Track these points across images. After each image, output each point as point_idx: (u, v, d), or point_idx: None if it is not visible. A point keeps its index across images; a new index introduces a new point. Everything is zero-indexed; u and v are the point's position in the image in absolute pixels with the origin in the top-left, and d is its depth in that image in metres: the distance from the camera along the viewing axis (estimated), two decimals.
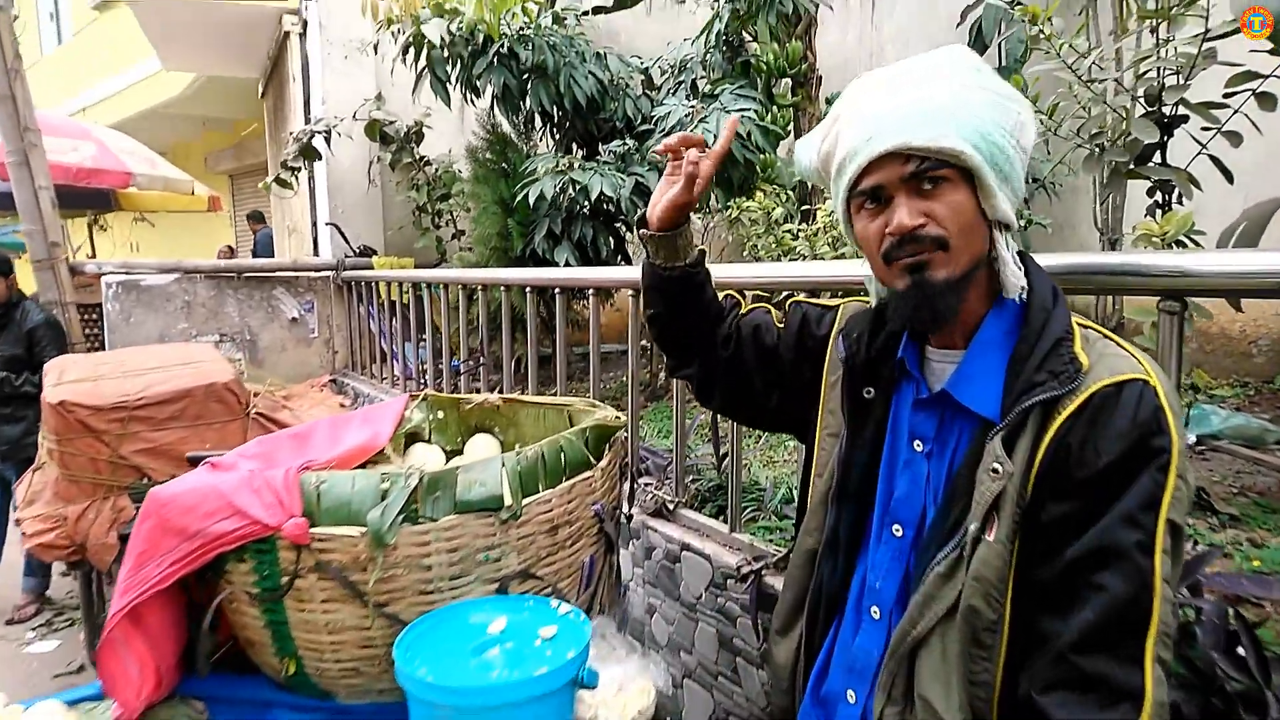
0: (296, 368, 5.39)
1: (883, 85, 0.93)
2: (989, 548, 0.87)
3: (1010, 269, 0.93)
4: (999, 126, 0.89)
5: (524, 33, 3.73)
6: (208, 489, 1.45)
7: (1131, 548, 0.80)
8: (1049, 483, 0.86)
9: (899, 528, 1.00)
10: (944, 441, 0.97)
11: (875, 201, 0.92)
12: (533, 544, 1.47)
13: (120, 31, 9.76)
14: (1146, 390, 0.84)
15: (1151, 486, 0.81)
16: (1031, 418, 0.87)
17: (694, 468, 2.51)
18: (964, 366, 0.95)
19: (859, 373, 1.05)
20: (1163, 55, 2.10)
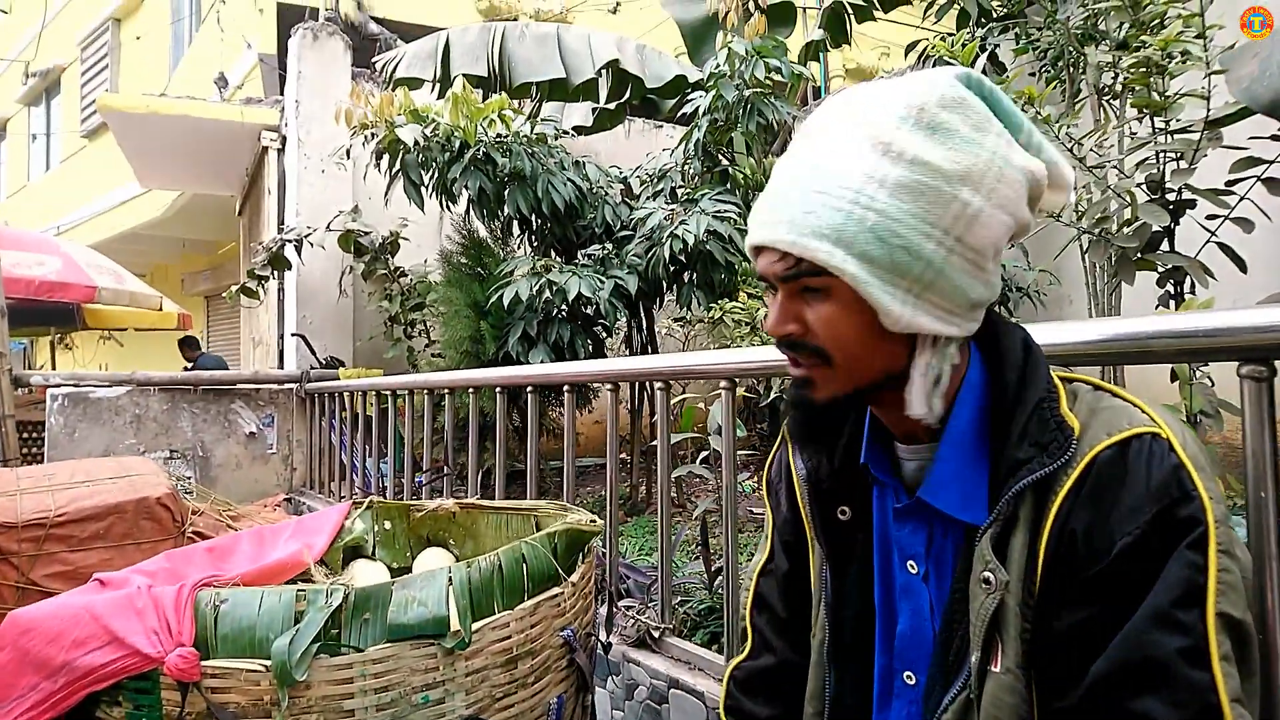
0: (251, 486, 5.05)
1: (796, 147, 0.72)
2: (997, 681, 0.67)
3: (917, 392, 0.71)
4: (916, 219, 0.65)
5: (501, 139, 3.70)
6: (79, 611, 1.17)
7: (1175, 658, 0.60)
8: (1058, 584, 0.66)
9: (911, 675, 0.78)
10: (939, 558, 0.77)
11: (773, 290, 0.74)
12: (485, 681, 1.18)
13: (106, 157, 9.91)
14: (1157, 445, 0.65)
15: (1188, 572, 0.61)
16: (1024, 506, 0.68)
17: (681, 588, 2.22)
18: (938, 467, 0.74)
19: (827, 489, 0.84)
20: (1160, 142, 2.04)
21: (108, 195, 10.30)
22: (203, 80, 8.13)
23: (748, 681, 0.96)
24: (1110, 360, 1.07)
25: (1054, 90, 3.30)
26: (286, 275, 5.34)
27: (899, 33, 5.98)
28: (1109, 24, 2.83)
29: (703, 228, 3.23)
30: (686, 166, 3.87)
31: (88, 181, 11.11)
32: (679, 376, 2.01)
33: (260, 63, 7.29)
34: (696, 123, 3.68)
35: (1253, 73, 1.76)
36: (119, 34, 11.56)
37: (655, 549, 3.17)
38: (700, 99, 3.60)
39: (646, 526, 3.62)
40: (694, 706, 1.78)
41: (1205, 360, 1.49)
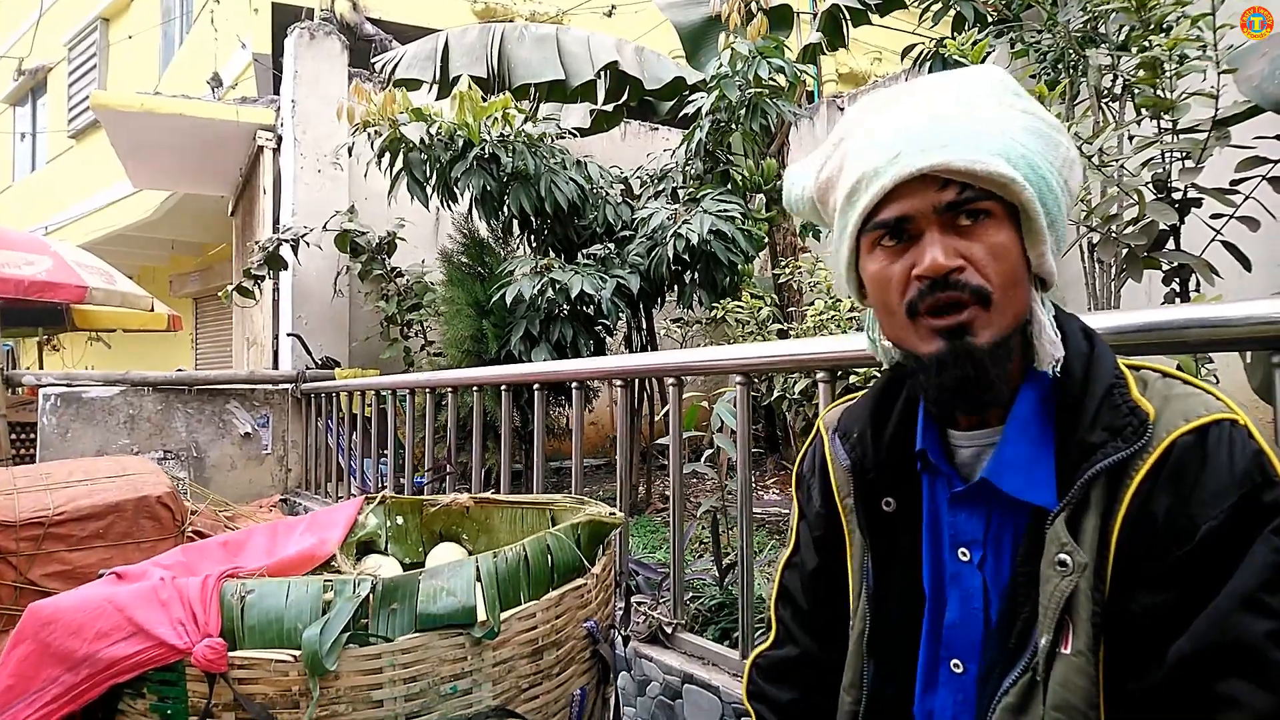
0: (246, 487, 5.00)
1: (908, 99, 0.75)
2: (1068, 663, 0.67)
3: (1046, 334, 0.73)
4: (1047, 160, 0.72)
5: (505, 138, 3.70)
6: (102, 603, 1.16)
7: (1265, 641, 0.60)
8: (1134, 567, 0.66)
9: (958, 663, 0.77)
10: (998, 545, 0.76)
11: (897, 238, 0.73)
12: (512, 671, 1.17)
13: (93, 157, 9.83)
14: (1236, 432, 0.66)
15: (1273, 556, 0.61)
16: (1095, 490, 0.68)
17: (691, 584, 2.22)
18: (1003, 451, 0.74)
19: (872, 480, 0.83)
20: (1165, 142, 2.06)
21: (95, 196, 10.20)
22: (193, 80, 8.07)
23: (770, 669, 0.97)
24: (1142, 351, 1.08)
25: (1054, 92, 3.33)
26: (282, 275, 5.30)
27: (891, 38, 6.02)
28: (1109, 26, 2.86)
29: (706, 227, 3.24)
30: (688, 166, 3.87)
31: (74, 182, 11.00)
32: (692, 372, 2.01)
33: (255, 62, 7.25)
34: (699, 123, 3.69)
35: (1263, 71, 1.78)
36: (107, 34, 11.47)
37: (659, 548, 3.16)
38: (702, 99, 3.61)
39: (650, 526, 3.61)
40: (709, 701, 1.78)
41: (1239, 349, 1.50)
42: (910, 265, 0.72)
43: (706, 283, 3.47)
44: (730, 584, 2.12)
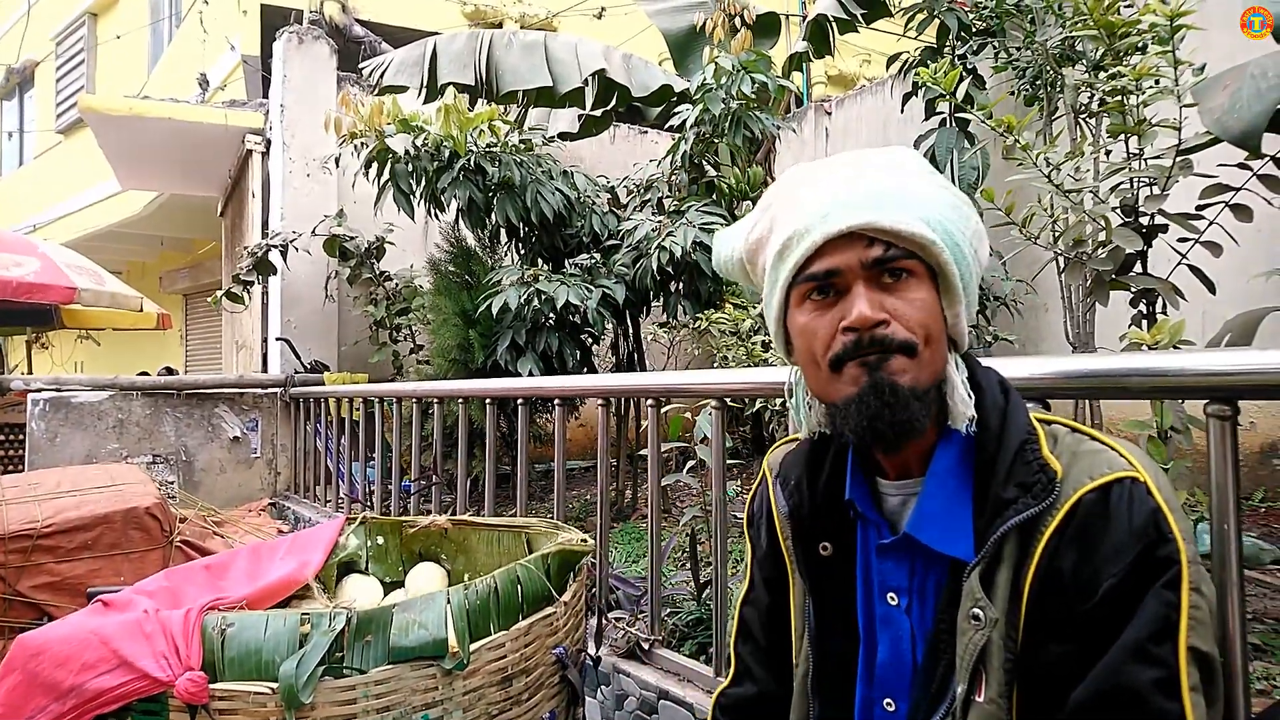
0: (235, 491, 5.03)
1: (833, 169, 0.80)
2: (982, 710, 0.71)
3: (959, 395, 0.78)
4: (960, 229, 0.78)
5: (491, 150, 3.72)
6: (88, 635, 1.20)
7: (1150, 688, 0.65)
8: (1043, 618, 0.71)
9: (890, 702, 0.82)
10: (922, 590, 0.81)
11: (824, 293, 0.77)
12: (482, 699, 1.21)
13: (81, 154, 9.78)
14: (1136, 489, 0.70)
15: (1163, 609, 0.67)
16: (1008, 545, 0.73)
17: (670, 599, 2.26)
18: (923, 503, 0.79)
19: (809, 526, 0.88)
20: (1134, 168, 2.11)
21: (84, 193, 10.17)
22: (182, 80, 8.05)
23: (730, 707, 1.01)
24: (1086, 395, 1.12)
25: (1033, 108, 3.38)
26: (271, 279, 5.31)
27: (880, 40, 6.06)
28: (1085, 46, 2.91)
29: (689, 239, 3.28)
30: (674, 178, 3.91)
31: (63, 178, 10.95)
32: (669, 394, 2.06)
33: (244, 64, 7.24)
34: (683, 135, 3.72)
35: (1223, 104, 1.83)
36: (95, 29, 11.40)
37: (642, 556, 3.21)
38: (687, 111, 3.64)
39: (634, 533, 3.65)
40: (683, 717, 1.82)
41: (1177, 398, 1.55)
42: (838, 319, 0.76)
43: (691, 293, 3.52)
44: (707, 599, 2.17)
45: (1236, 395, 0.99)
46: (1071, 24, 2.61)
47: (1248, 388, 0.98)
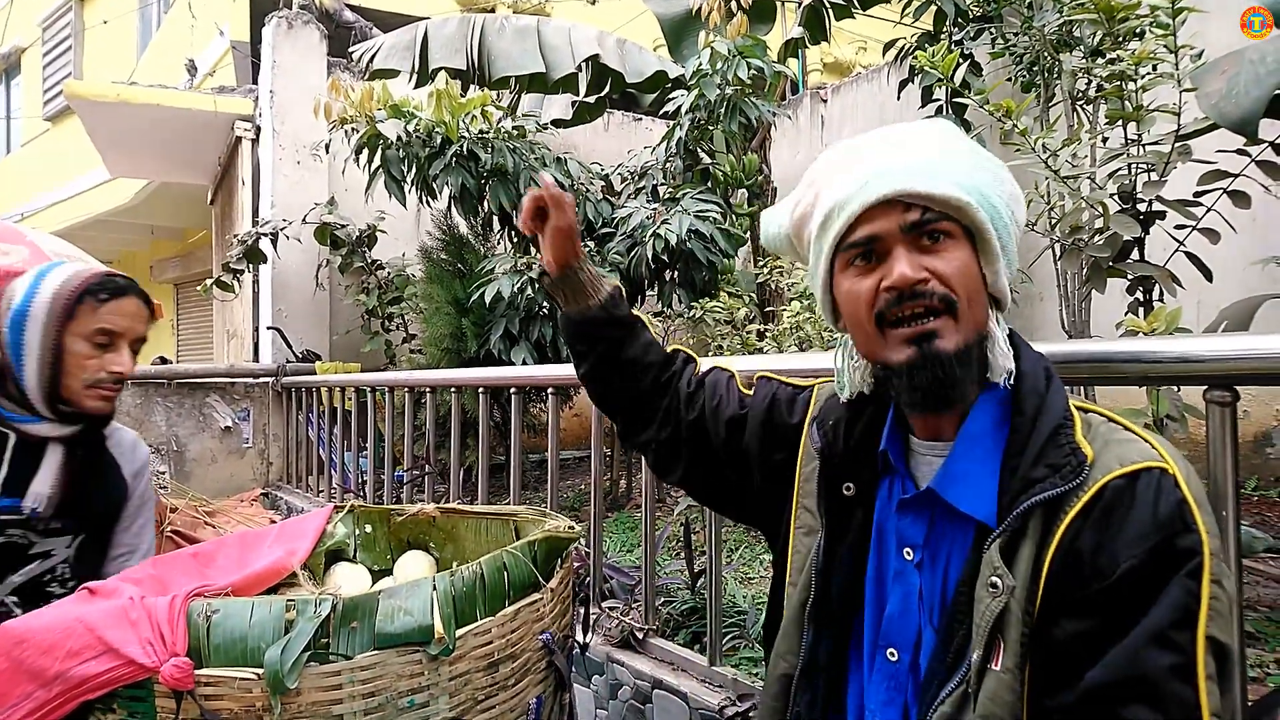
0: (227, 481, 5.00)
1: (871, 143, 0.85)
2: (997, 679, 0.72)
3: (1000, 348, 0.81)
4: (995, 192, 0.81)
5: (484, 136, 3.69)
6: (73, 622, 1.17)
7: (1166, 674, 0.66)
8: (1060, 595, 0.72)
9: (894, 652, 0.84)
10: (935, 549, 0.83)
11: (867, 259, 0.81)
12: (468, 684, 1.20)
13: (70, 141, 9.68)
14: (1165, 480, 0.71)
15: (1184, 598, 0.67)
16: (1033, 520, 0.74)
17: (664, 588, 2.25)
18: (952, 463, 0.81)
19: (837, 466, 0.91)
20: (1132, 154, 2.09)
21: (73, 181, 10.07)
22: (171, 66, 7.97)
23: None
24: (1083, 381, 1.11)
25: (1030, 94, 3.36)
26: (261, 268, 5.27)
27: (876, 27, 6.03)
28: (1083, 31, 2.88)
29: (684, 227, 3.25)
30: (668, 165, 3.88)
31: (51, 166, 10.84)
32: None
33: (233, 50, 7.16)
34: (678, 121, 3.69)
35: (1220, 90, 1.81)
36: (82, 15, 11.27)
37: (637, 546, 3.20)
38: (682, 97, 3.61)
39: (628, 523, 3.64)
40: (677, 707, 1.81)
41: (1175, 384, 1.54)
42: (879, 280, 0.80)
43: (685, 282, 3.50)
44: (701, 588, 2.16)
45: (1236, 381, 0.98)
46: (1070, 9, 2.59)
47: (1248, 374, 0.97)
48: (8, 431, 1.33)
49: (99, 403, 1.37)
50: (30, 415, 1.34)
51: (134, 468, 1.54)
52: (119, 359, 1.36)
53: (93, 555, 1.47)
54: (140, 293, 1.43)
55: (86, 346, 1.33)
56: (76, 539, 1.41)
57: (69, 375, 1.33)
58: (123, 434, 1.55)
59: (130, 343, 1.40)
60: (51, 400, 1.33)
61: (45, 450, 1.35)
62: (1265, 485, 3.64)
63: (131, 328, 1.39)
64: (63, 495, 1.36)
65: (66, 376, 1.32)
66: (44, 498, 1.33)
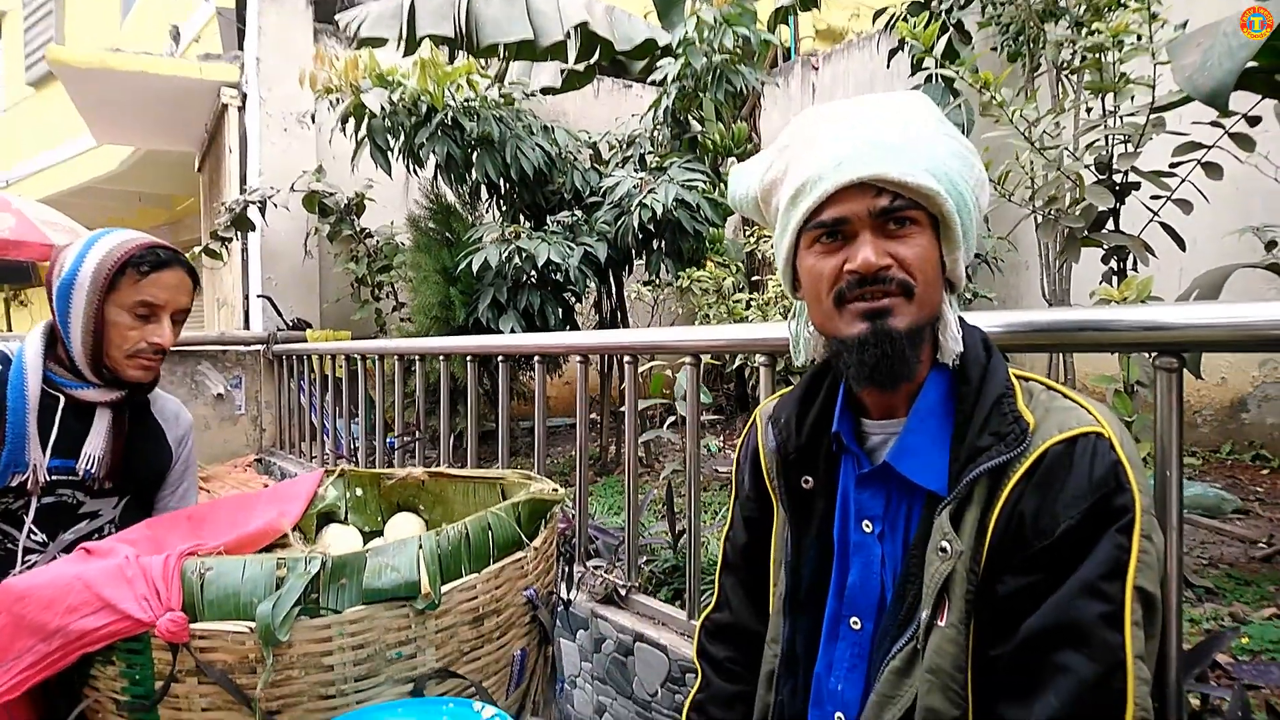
0: (221, 447, 5.05)
1: (848, 115, 0.84)
2: (942, 634, 0.78)
3: (951, 331, 0.84)
4: (964, 179, 0.82)
5: (469, 105, 3.68)
6: (71, 579, 1.22)
7: (1096, 621, 0.71)
8: (1004, 556, 0.77)
9: (857, 620, 0.89)
10: (893, 520, 0.87)
11: (833, 237, 0.82)
12: (453, 637, 1.25)
13: (55, 107, 9.54)
14: (1100, 444, 0.76)
15: (1115, 552, 0.72)
16: (979, 486, 0.79)
17: (647, 548, 2.32)
18: (905, 437, 0.85)
19: (793, 461, 0.94)
20: (1109, 125, 2.12)
21: (58, 148, 9.95)
22: (156, 31, 7.85)
23: (714, 630, 1.12)
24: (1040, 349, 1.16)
25: (1016, 64, 3.37)
26: (250, 236, 5.26)
27: None
28: (1068, 1, 2.89)
29: (671, 197, 3.27)
30: (655, 133, 3.88)
31: (35, 132, 10.69)
32: (645, 351, 2.08)
33: (218, 16, 7.05)
34: (665, 90, 3.68)
35: (1195, 62, 1.84)
36: None
37: (623, 509, 3.27)
38: (669, 66, 3.60)
39: (615, 486, 3.71)
40: (657, 659, 1.89)
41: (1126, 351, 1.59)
42: (842, 261, 0.81)
43: (673, 252, 3.52)
44: (683, 547, 2.23)
45: (1182, 348, 1.03)
46: None
47: (1193, 341, 1.02)
48: (59, 396, 1.37)
49: (139, 372, 1.40)
50: (80, 381, 1.38)
51: (178, 434, 1.60)
52: (159, 330, 1.39)
53: (137, 516, 1.52)
54: (185, 264, 1.44)
55: (128, 317, 1.36)
56: (123, 500, 1.47)
57: (111, 345, 1.36)
58: (166, 401, 1.60)
59: (172, 314, 1.42)
60: (96, 368, 1.37)
61: (94, 415, 1.39)
62: (1239, 450, 3.73)
63: (173, 300, 1.41)
64: (112, 457, 1.40)
65: (109, 346, 1.36)
66: (95, 459, 1.38)
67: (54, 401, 1.37)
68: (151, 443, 1.53)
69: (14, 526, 1.35)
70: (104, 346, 1.36)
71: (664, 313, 4.89)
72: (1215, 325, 0.99)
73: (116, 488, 1.46)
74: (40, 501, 1.36)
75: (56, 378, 1.37)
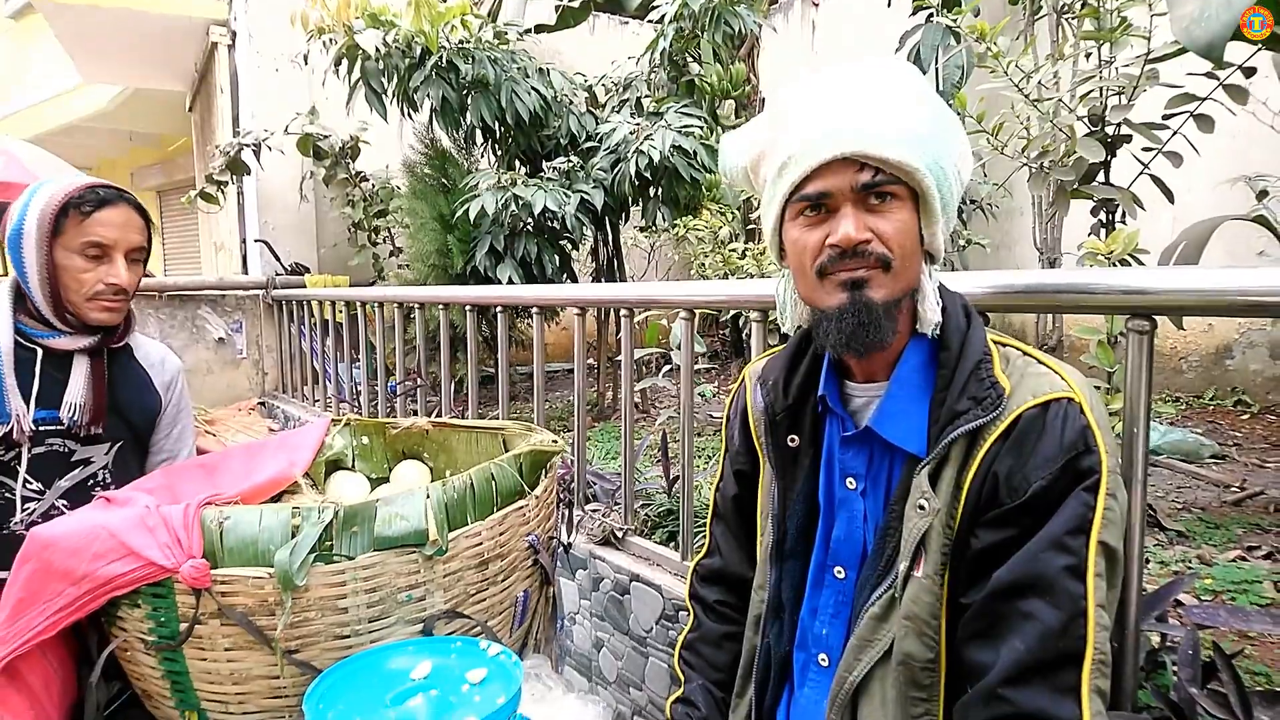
0: (224, 391, 5.12)
1: (834, 88, 0.86)
2: (918, 584, 0.84)
3: (929, 303, 0.88)
4: (947, 154, 0.85)
5: (464, 46, 3.62)
6: (97, 528, 1.30)
7: (1061, 573, 0.77)
8: (978, 513, 0.83)
9: (841, 570, 0.95)
10: (876, 478, 0.93)
11: (816, 210, 0.86)
12: (460, 580, 1.34)
13: (40, 42, 9.30)
14: (1071, 409, 0.81)
15: (1081, 509, 0.78)
16: (956, 447, 0.84)
17: (643, 492, 2.41)
18: (886, 402, 0.90)
19: (779, 421, 1.00)
20: (1104, 76, 2.12)
21: (43, 85, 9.74)
22: None
23: (704, 575, 1.19)
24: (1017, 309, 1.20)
25: (1017, 5, 3.31)
26: (246, 179, 5.22)
27: None
28: None
29: (668, 143, 3.26)
30: (653, 76, 3.83)
31: (18, 67, 10.44)
32: (641, 305, 2.13)
33: None
34: (662, 31, 3.63)
35: (1192, 13, 1.83)
36: None
37: (619, 454, 3.36)
38: (667, 4, 3.54)
39: (612, 432, 3.80)
40: (652, 597, 1.99)
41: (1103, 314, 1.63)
42: (825, 235, 0.85)
43: (669, 199, 3.52)
44: (677, 492, 2.31)
45: (1156, 312, 1.07)
46: None
47: (1166, 306, 1.06)
48: (36, 348, 1.39)
49: (102, 314, 1.40)
50: (50, 330, 1.39)
51: (165, 378, 1.61)
52: (113, 270, 1.37)
53: (132, 461, 1.56)
54: (132, 201, 1.42)
55: (79, 260, 1.35)
56: (115, 446, 1.50)
57: (67, 290, 1.36)
58: (151, 346, 1.61)
59: (126, 253, 1.40)
60: (60, 314, 1.38)
61: (72, 363, 1.41)
62: (1222, 395, 3.81)
63: (122, 238, 1.38)
64: (94, 404, 1.42)
65: (66, 291, 1.36)
66: (77, 407, 1.40)
67: (32, 354, 1.39)
68: (138, 388, 1.54)
69: (9, 477, 1.39)
70: (62, 292, 1.36)
71: (660, 259, 4.91)
72: (1187, 291, 1.03)
73: (107, 434, 1.48)
74: (31, 452, 1.39)
75: (29, 329, 1.39)
